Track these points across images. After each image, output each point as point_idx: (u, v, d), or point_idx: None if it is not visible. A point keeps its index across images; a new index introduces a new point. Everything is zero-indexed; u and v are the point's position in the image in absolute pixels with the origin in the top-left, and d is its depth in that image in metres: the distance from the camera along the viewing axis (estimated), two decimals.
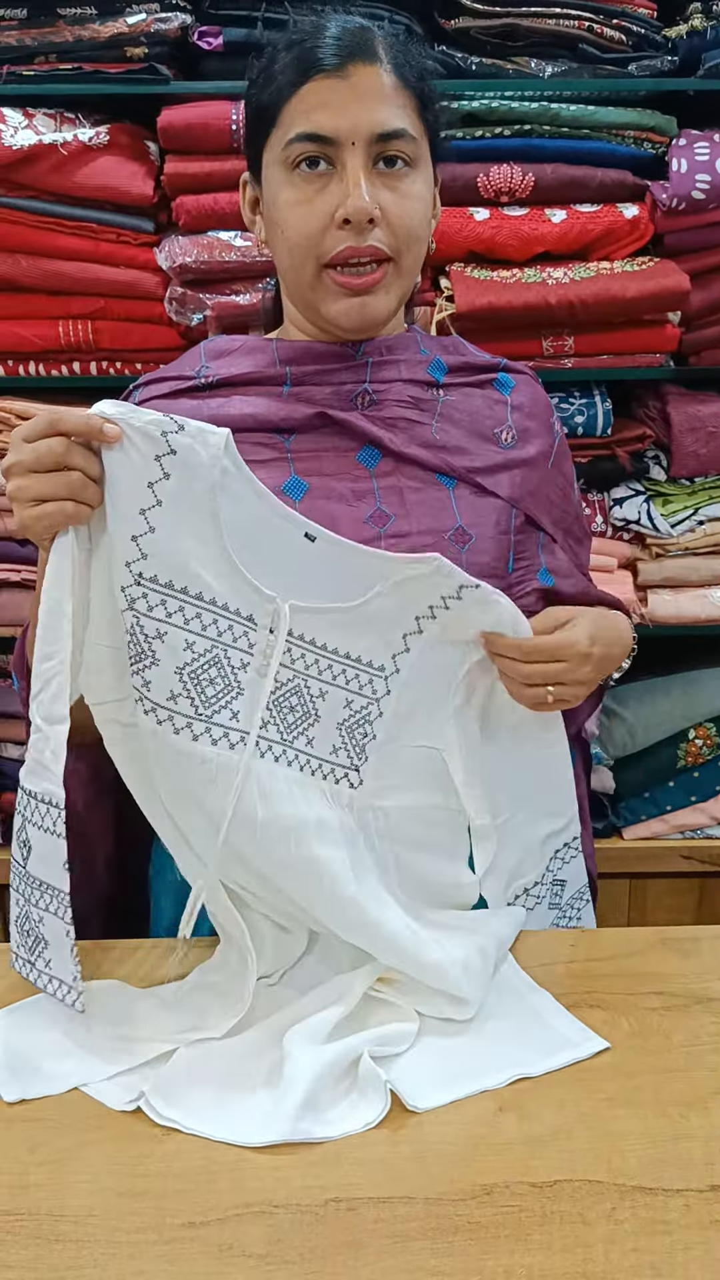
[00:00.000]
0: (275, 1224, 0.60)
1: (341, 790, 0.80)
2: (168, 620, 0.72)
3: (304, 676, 0.77)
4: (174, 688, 0.73)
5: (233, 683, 0.75)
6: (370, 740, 0.80)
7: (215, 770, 0.74)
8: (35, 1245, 0.59)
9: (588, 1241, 0.59)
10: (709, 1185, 0.63)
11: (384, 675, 0.80)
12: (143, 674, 0.72)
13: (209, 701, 0.74)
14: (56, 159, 1.32)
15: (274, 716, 0.76)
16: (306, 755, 0.78)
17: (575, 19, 1.34)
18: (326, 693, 0.78)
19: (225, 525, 0.73)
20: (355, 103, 0.78)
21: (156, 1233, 0.60)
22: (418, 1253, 0.58)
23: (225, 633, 0.74)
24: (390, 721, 0.80)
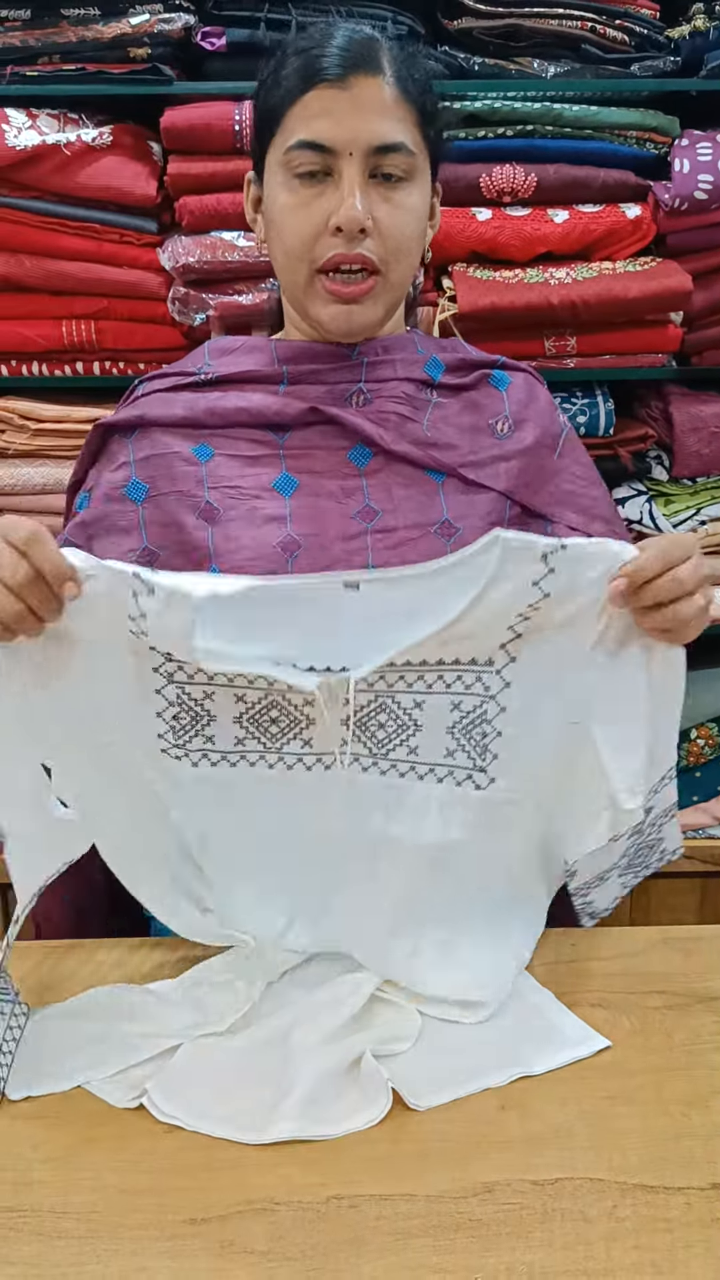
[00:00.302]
0: (277, 1221, 0.60)
1: (466, 794, 0.75)
2: (211, 683, 0.72)
3: (388, 695, 0.72)
4: (237, 734, 0.74)
5: (299, 718, 0.73)
6: (495, 738, 0.74)
7: (296, 790, 0.74)
8: (38, 1242, 0.59)
9: (589, 1239, 0.59)
10: (710, 1183, 0.63)
11: (495, 669, 0.72)
12: (203, 733, 0.73)
13: (275, 738, 0.73)
14: (60, 159, 1.32)
15: (359, 735, 0.73)
16: (410, 763, 0.75)
17: (578, 19, 1.34)
18: (424, 702, 0.73)
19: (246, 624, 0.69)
20: (355, 114, 0.79)
21: (159, 1229, 0.60)
22: (419, 1250, 0.59)
23: (276, 683, 0.71)
24: (518, 714, 0.73)
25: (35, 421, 1.39)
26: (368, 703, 0.73)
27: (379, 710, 0.73)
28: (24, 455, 1.41)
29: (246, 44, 1.33)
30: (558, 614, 0.71)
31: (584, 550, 0.69)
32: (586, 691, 0.73)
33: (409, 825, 0.75)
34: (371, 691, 0.72)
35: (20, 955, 0.83)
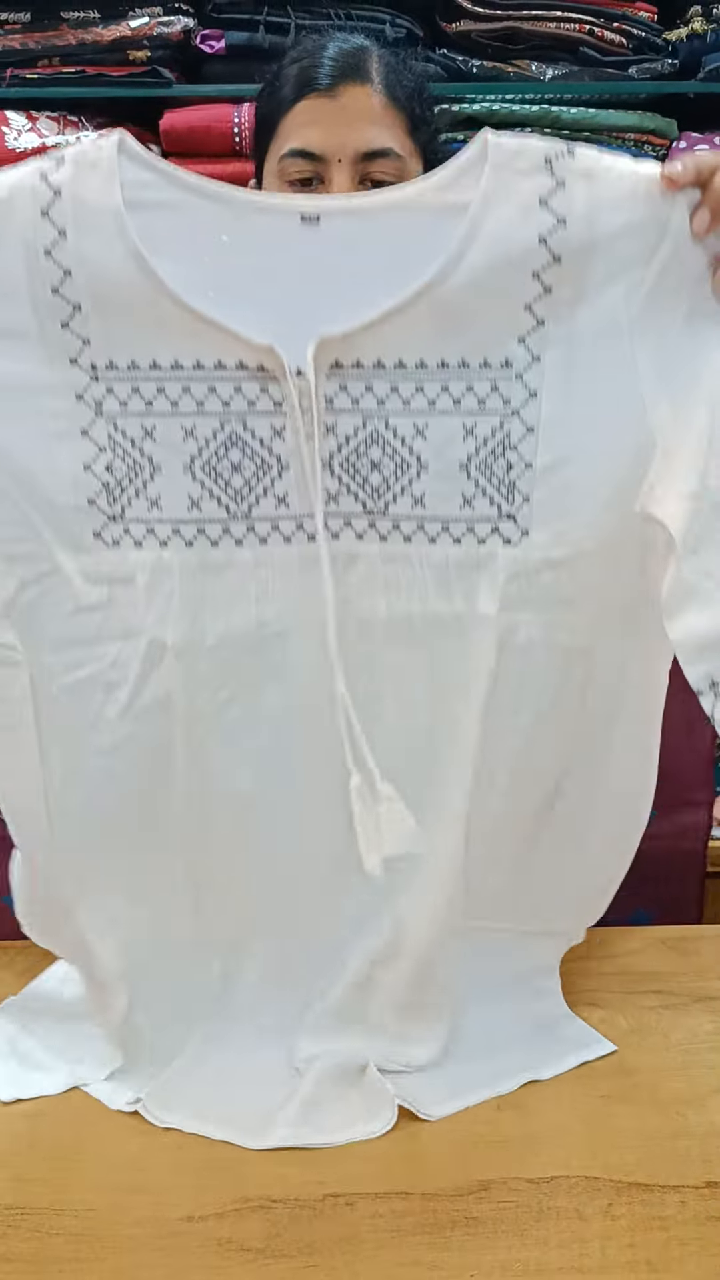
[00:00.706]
0: (273, 1219, 0.60)
1: (492, 553, 0.58)
2: (150, 410, 0.56)
3: (379, 419, 0.57)
4: (191, 491, 0.57)
5: (267, 461, 0.57)
6: (524, 472, 0.57)
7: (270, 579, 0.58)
8: (35, 1239, 0.60)
9: (584, 1237, 0.59)
10: (705, 1182, 0.63)
11: (515, 372, 0.56)
12: (146, 492, 0.57)
13: (239, 493, 0.57)
14: None
15: (347, 484, 0.58)
16: (417, 520, 0.58)
17: (576, 22, 1.35)
18: (427, 428, 0.57)
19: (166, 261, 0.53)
20: (343, 122, 0.80)
21: (155, 1227, 0.60)
22: (415, 1247, 0.59)
23: (234, 398, 0.56)
24: (554, 431, 0.57)
25: None
26: (355, 429, 0.57)
27: (370, 443, 0.57)
28: None
29: (245, 47, 1.34)
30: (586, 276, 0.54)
31: (596, 162, 0.53)
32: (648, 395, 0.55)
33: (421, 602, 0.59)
34: (357, 412, 0.56)
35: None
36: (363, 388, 0.57)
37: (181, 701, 0.60)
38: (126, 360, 0.56)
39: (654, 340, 0.55)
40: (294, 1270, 0.58)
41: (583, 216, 0.53)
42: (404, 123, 0.83)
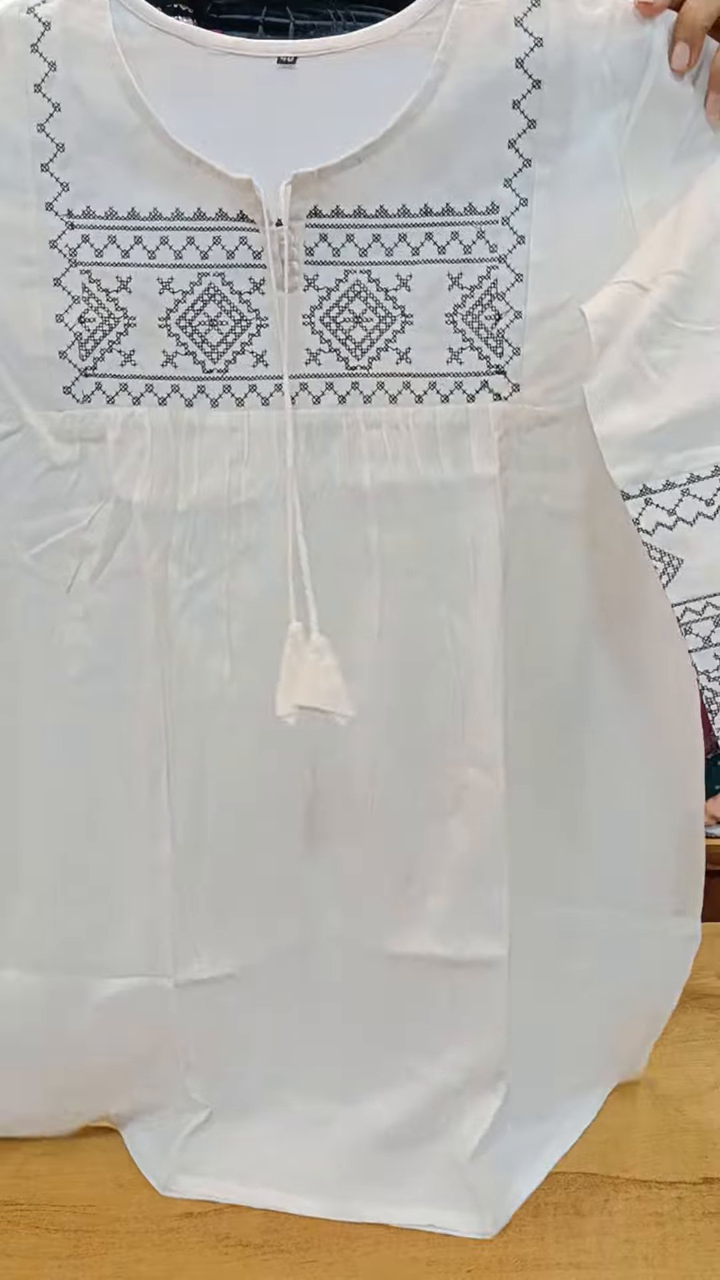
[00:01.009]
0: (271, 1214, 0.61)
1: (482, 409, 0.55)
2: (127, 260, 0.54)
3: (360, 270, 0.54)
4: (165, 347, 0.55)
5: (245, 316, 0.55)
6: (513, 320, 0.55)
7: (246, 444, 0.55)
8: (35, 1235, 0.60)
9: (581, 1232, 0.59)
10: (702, 1178, 0.63)
11: (502, 216, 0.54)
12: (119, 346, 0.55)
13: (215, 350, 0.55)
14: None
15: (328, 340, 0.55)
16: (402, 378, 0.55)
17: None
18: (410, 278, 0.54)
19: (152, 94, 0.52)
20: None
21: (154, 1222, 0.61)
22: (413, 1243, 0.59)
23: (212, 249, 0.54)
24: (544, 278, 0.54)
25: None
26: (336, 281, 0.54)
27: (352, 296, 0.55)
28: None
29: None
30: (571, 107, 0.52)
31: None
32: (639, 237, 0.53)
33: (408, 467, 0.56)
34: (339, 264, 0.54)
35: None
36: (344, 237, 0.54)
37: (151, 573, 0.56)
38: (104, 207, 0.54)
39: (646, 181, 0.52)
40: (291, 1266, 0.58)
41: (560, 34, 0.51)
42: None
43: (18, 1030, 0.62)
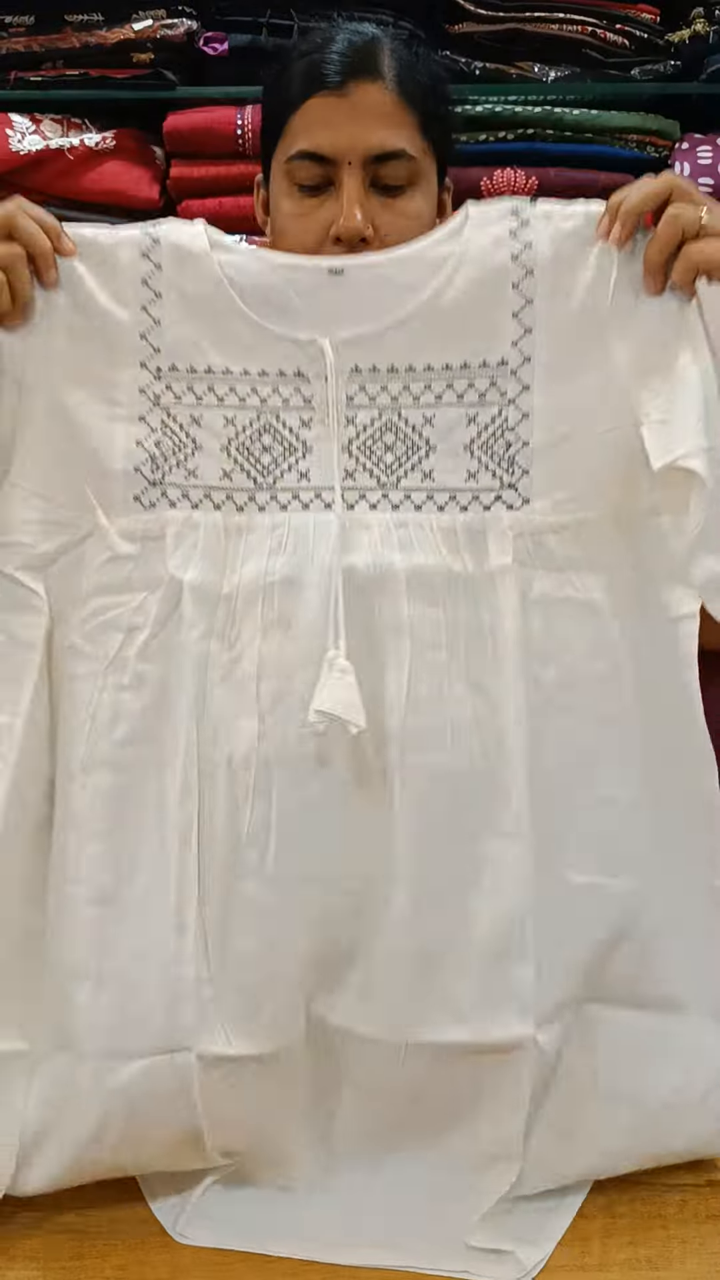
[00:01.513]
0: None
1: (496, 517, 0.65)
2: (200, 403, 0.67)
3: (393, 411, 0.66)
4: (223, 465, 0.67)
5: (294, 445, 0.67)
6: (521, 448, 0.66)
7: (286, 537, 0.65)
8: (40, 1236, 0.60)
9: (585, 1235, 0.60)
10: (706, 1180, 0.63)
11: (510, 369, 0.66)
12: (185, 465, 0.67)
13: (266, 469, 0.66)
14: (64, 163, 1.33)
15: (363, 463, 0.66)
16: (427, 491, 0.66)
17: (578, 24, 1.35)
18: (434, 417, 0.66)
19: (236, 288, 0.67)
20: (354, 122, 0.77)
21: (157, 1225, 0.61)
22: None
23: (271, 397, 0.67)
24: (547, 417, 0.66)
25: None
26: (371, 420, 0.66)
27: (385, 430, 0.66)
28: None
29: (248, 49, 1.34)
30: (557, 288, 0.65)
31: (553, 207, 0.67)
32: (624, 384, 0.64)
33: (434, 555, 0.64)
34: (374, 407, 0.66)
35: None
36: (378, 387, 0.67)
37: (194, 647, 0.64)
38: (186, 365, 0.67)
39: (622, 329, 0.65)
40: (295, 1268, 0.58)
41: (544, 239, 0.66)
42: (416, 120, 0.80)
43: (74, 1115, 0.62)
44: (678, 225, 0.62)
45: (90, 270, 0.67)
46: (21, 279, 0.66)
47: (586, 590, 0.65)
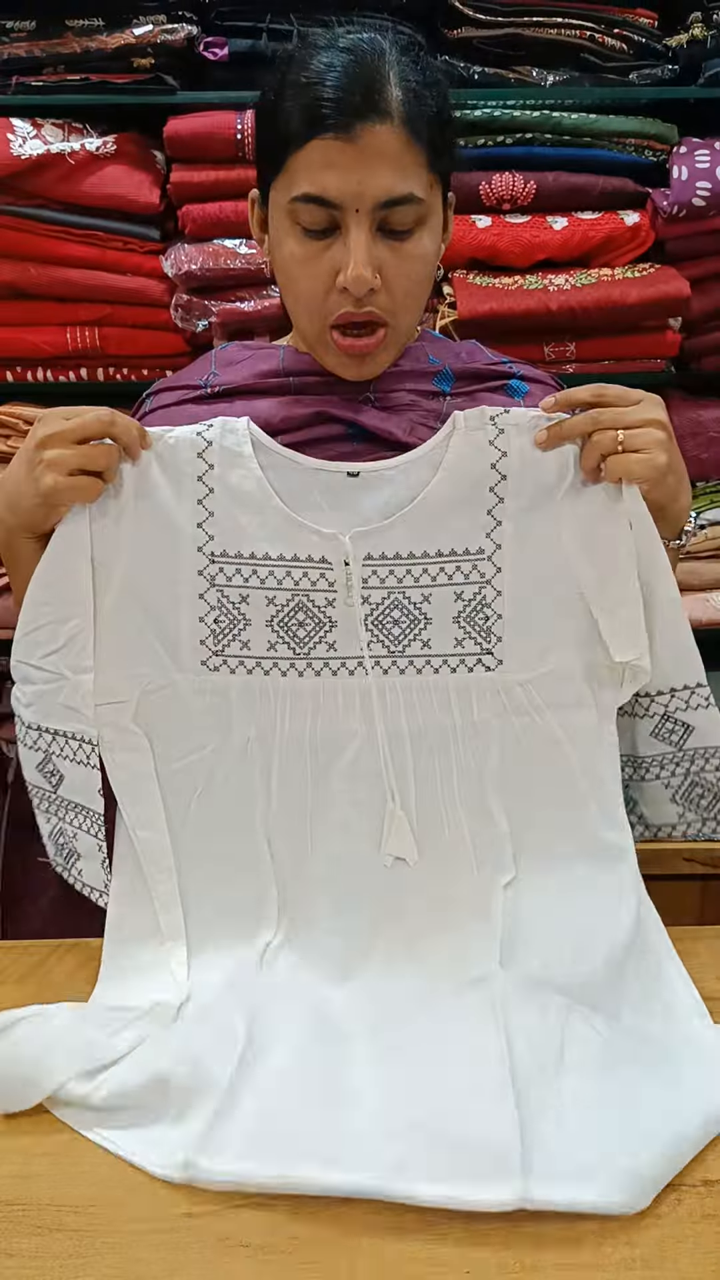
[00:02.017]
0: (272, 1215, 0.61)
1: (478, 678, 0.83)
2: (246, 585, 0.82)
3: (399, 591, 0.82)
4: (269, 639, 0.82)
5: (323, 620, 0.82)
6: (496, 620, 0.83)
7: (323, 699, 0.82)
8: (37, 1235, 0.60)
9: (579, 1235, 0.60)
10: (702, 1180, 0.63)
11: (486, 555, 0.82)
12: (239, 637, 0.83)
13: (302, 641, 0.82)
14: (64, 168, 1.34)
15: (377, 635, 0.82)
16: (425, 657, 0.83)
17: (577, 28, 1.36)
18: (430, 595, 0.82)
19: (274, 488, 0.82)
20: (361, 167, 0.74)
21: (155, 1223, 0.61)
22: (412, 1245, 0.59)
23: (302, 580, 0.82)
24: (515, 593, 0.82)
25: None
26: (382, 599, 0.82)
27: (392, 607, 0.83)
28: None
29: (248, 54, 1.35)
30: (522, 489, 0.81)
31: (522, 418, 0.82)
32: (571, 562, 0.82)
33: (433, 714, 0.82)
34: (383, 588, 0.82)
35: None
36: (387, 571, 0.83)
37: (259, 784, 0.83)
38: (235, 551, 0.82)
39: (570, 516, 0.82)
40: (292, 1267, 0.58)
41: (517, 450, 0.82)
42: (425, 158, 0.77)
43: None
44: (596, 452, 0.79)
45: (155, 465, 0.80)
46: (112, 467, 0.78)
47: (549, 729, 0.83)
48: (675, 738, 0.89)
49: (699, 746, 0.90)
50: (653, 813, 0.92)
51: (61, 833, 0.86)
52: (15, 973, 0.83)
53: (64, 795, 0.84)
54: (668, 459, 0.79)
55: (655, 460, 0.79)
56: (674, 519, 0.85)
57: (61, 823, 0.86)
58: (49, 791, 0.86)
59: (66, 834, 0.86)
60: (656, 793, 0.91)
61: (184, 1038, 0.72)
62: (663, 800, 0.92)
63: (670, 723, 0.88)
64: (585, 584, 0.82)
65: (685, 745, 0.90)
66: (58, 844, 0.87)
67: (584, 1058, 0.69)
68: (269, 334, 1.38)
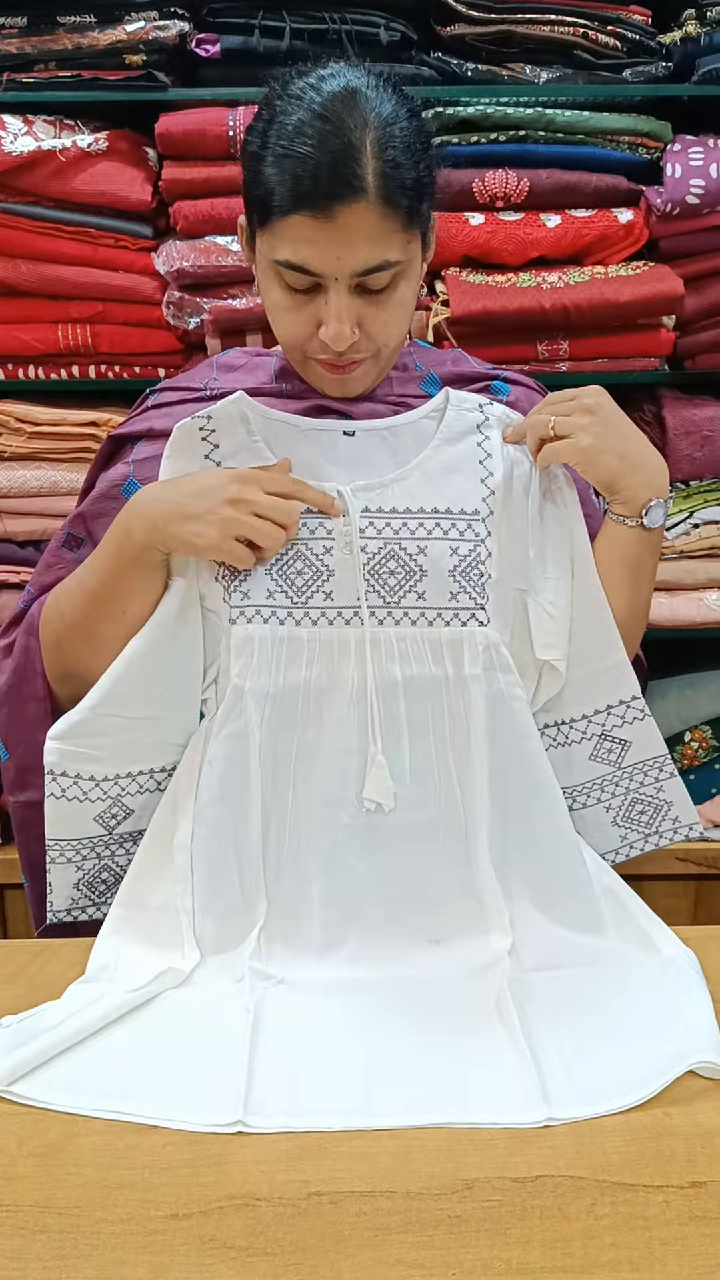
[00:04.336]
0: (257, 1216, 0.61)
1: (473, 632, 0.84)
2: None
3: (394, 542, 0.85)
4: (268, 587, 0.84)
5: (320, 569, 0.84)
6: (488, 580, 0.86)
7: (319, 647, 0.83)
8: (20, 1236, 0.60)
9: (566, 1236, 0.59)
10: (690, 1182, 0.63)
11: (480, 518, 0.86)
12: (240, 587, 0.84)
13: (300, 590, 0.84)
14: (56, 165, 1.33)
15: (373, 585, 0.84)
16: (420, 609, 0.84)
17: (570, 25, 1.35)
18: (426, 547, 0.85)
19: (273, 448, 0.86)
20: (340, 243, 0.78)
21: (140, 1224, 0.61)
22: (397, 1246, 0.59)
23: (300, 530, 0.84)
24: (499, 560, 0.86)
25: (31, 424, 1.40)
26: (379, 549, 0.84)
27: (389, 558, 0.84)
28: (20, 458, 1.42)
29: (240, 50, 1.35)
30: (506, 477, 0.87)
31: (508, 416, 0.90)
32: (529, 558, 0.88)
33: (426, 665, 0.84)
34: (380, 538, 0.85)
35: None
36: (384, 523, 0.85)
37: (255, 735, 0.84)
38: None
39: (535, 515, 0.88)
40: (277, 1268, 0.58)
41: (497, 441, 0.89)
42: (402, 224, 0.79)
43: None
44: (534, 435, 0.88)
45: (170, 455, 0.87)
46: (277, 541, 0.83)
47: (515, 685, 0.86)
48: (614, 756, 0.92)
49: (638, 761, 0.92)
50: (594, 840, 0.93)
51: (106, 869, 0.89)
52: (4, 972, 0.83)
53: (124, 830, 0.89)
54: (592, 441, 0.85)
55: (579, 443, 0.85)
56: (629, 499, 0.88)
57: (107, 860, 0.89)
58: (103, 835, 0.88)
59: (112, 868, 0.89)
60: (597, 818, 0.93)
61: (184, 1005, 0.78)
62: (604, 825, 0.93)
63: (608, 741, 0.91)
64: (532, 580, 0.88)
65: (624, 762, 0.92)
66: (92, 885, 0.89)
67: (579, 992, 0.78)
68: (261, 331, 1.37)
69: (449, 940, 0.83)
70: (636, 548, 0.89)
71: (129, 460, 0.92)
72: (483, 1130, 0.67)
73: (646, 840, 0.94)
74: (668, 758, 0.93)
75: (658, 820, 0.93)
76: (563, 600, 0.88)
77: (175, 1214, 0.61)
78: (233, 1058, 0.71)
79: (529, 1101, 0.68)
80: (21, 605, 0.95)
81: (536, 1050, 0.72)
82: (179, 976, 0.79)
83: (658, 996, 0.77)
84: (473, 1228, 0.60)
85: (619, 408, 0.89)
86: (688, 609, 1.47)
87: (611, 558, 0.89)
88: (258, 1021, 0.74)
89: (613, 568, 0.89)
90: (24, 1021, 0.74)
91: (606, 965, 0.81)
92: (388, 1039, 0.74)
